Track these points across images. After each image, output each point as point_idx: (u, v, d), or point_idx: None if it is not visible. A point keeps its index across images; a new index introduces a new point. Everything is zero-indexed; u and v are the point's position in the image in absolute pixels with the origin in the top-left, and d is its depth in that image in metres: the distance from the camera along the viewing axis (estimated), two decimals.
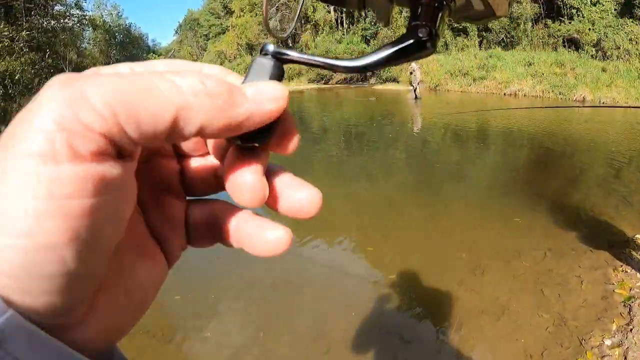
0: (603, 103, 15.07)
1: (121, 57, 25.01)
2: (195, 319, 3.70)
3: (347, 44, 31.40)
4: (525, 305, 3.49)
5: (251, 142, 0.27)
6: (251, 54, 39.73)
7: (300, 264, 4.53)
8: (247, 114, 0.24)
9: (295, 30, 37.38)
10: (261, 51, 0.31)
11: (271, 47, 0.31)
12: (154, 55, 36.99)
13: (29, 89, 16.24)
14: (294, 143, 0.29)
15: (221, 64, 42.38)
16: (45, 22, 18.44)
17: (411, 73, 18.06)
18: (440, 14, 0.32)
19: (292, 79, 34.47)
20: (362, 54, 0.32)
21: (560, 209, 5.24)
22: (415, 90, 18.05)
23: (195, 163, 0.33)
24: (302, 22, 36.92)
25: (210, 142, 0.31)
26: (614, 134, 9.85)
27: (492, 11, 0.32)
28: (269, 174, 0.30)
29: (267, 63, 0.29)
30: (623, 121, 11.32)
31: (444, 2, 0.32)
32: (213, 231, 0.32)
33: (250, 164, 0.27)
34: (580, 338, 3.05)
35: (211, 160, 0.32)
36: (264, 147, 0.28)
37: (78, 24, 21.14)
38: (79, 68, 20.90)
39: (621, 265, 3.84)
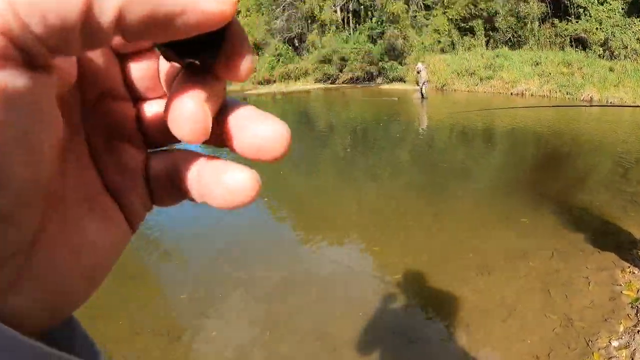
0: (610, 103, 14.98)
1: None
2: (201, 318, 3.71)
3: (354, 43, 31.34)
4: (532, 305, 3.48)
5: (189, 56, 0.23)
6: (258, 54, 39.75)
7: (306, 263, 4.54)
8: (178, 6, 0.18)
9: (302, 30, 37.38)
10: None
11: None
12: None
13: None
14: (245, 65, 0.23)
15: None
16: None
17: (418, 72, 18.02)
18: None
19: (299, 78, 34.46)
20: None
21: (567, 209, 5.22)
22: (421, 90, 18.01)
23: (153, 107, 0.28)
24: (309, 21, 36.91)
25: (164, 75, 0.27)
26: (622, 134, 9.79)
27: None
28: (226, 109, 0.25)
29: None
30: (631, 121, 11.25)
31: None
32: (176, 185, 0.27)
33: (190, 89, 0.23)
34: (587, 339, 3.03)
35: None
36: (209, 70, 0.24)
37: None
38: None
39: (629, 267, 3.81)
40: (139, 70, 0.27)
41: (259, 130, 0.24)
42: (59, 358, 0.21)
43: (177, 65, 0.24)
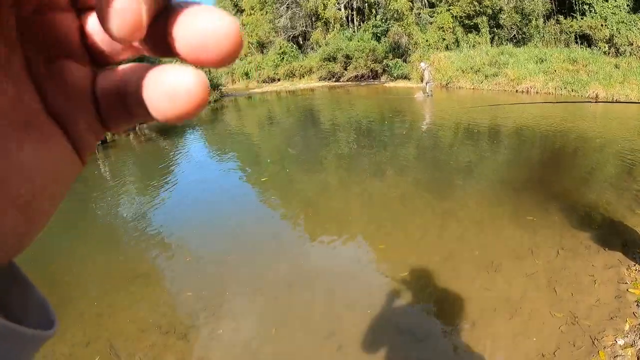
0: (616, 100, 14.91)
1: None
2: (207, 316, 3.72)
3: (358, 41, 31.29)
4: (538, 303, 3.48)
5: None
6: (262, 52, 39.74)
7: (311, 260, 4.55)
8: None
9: (306, 28, 37.35)
10: None
11: None
12: None
13: None
14: None
15: None
16: None
17: (424, 71, 18.03)
18: None
19: (303, 76, 34.44)
20: None
21: (573, 207, 5.22)
22: (426, 88, 18.01)
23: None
24: (313, 19, 36.86)
25: None
26: (628, 131, 9.76)
27: None
28: (168, 9, 0.22)
29: None
30: (637, 118, 11.20)
31: None
32: (126, 104, 0.24)
33: None
34: (593, 337, 3.03)
35: None
36: None
37: None
38: None
39: (634, 265, 3.81)
40: None
41: (199, 22, 0.21)
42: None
43: None
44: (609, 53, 20.73)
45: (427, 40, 28.59)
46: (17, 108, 0.22)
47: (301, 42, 38.37)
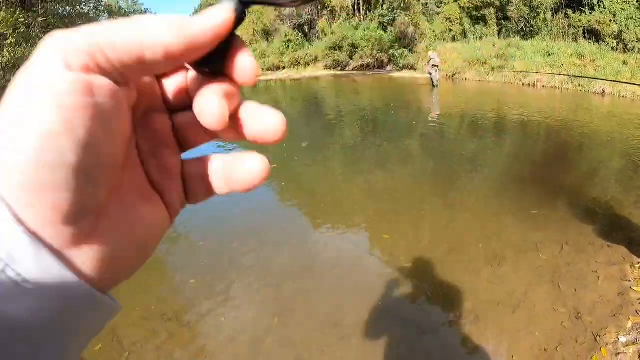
0: (623, 97, 14.81)
1: None
2: (210, 304, 3.73)
3: (364, 30, 31.13)
4: (541, 298, 3.48)
5: (208, 65, 0.31)
6: (267, 40, 39.58)
7: (315, 249, 4.55)
8: (197, 30, 0.28)
9: (312, 16, 37.16)
10: None
11: None
12: None
13: None
14: (247, 67, 0.31)
15: None
16: (61, 9, 18.42)
17: (428, 62, 17.92)
18: None
19: (309, 65, 34.32)
20: None
21: (578, 202, 5.20)
22: (432, 79, 17.94)
23: (183, 116, 0.36)
24: (319, 8, 36.66)
25: (191, 85, 0.34)
26: (633, 127, 9.71)
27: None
28: (240, 107, 0.33)
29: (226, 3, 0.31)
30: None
31: None
32: (206, 183, 0.36)
33: (210, 86, 0.31)
34: (595, 334, 3.04)
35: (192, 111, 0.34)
36: (222, 72, 0.32)
37: (94, 10, 21.14)
38: None
39: (638, 262, 3.80)
40: (172, 85, 0.34)
41: (262, 119, 0.33)
42: (107, 301, 0.30)
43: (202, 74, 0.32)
44: (617, 49, 20.59)
45: (433, 31, 28.45)
46: (134, 180, 0.33)
47: (307, 31, 38.17)
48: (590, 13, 22.53)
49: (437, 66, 17.91)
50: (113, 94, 0.27)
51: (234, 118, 0.33)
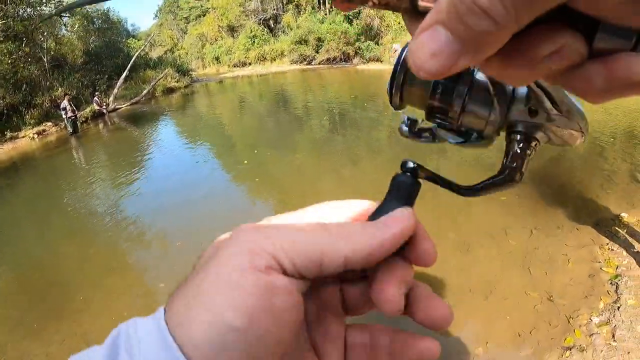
0: None
1: (100, 43, 24.53)
2: None
3: (330, 23, 31.11)
4: (512, 283, 3.50)
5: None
6: (232, 36, 39.30)
7: None
8: (379, 244, 0.31)
9: (277, 10, 37.02)
10: (402, 167, 0.40)
11: (410, 164, 0.39)
12: (133, 40, 36.38)
13: (7, 80, 15.85)
14: (430, 253, 0.35)
15: (202, 46, 41.97)
16: (21, 10, 18.00)
17: (394, 53, 18.00)
18: (528, 160, 0.42)
19: (275, 60, 34.21)
20: (472, 185, 0.46)
21: (546, 187, 5.25)
22: None
23: (353, 289, 0.38)
24: (284, 2, 36.53)
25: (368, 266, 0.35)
26: (596, 112, 9.89)
27: (569, 144, 0.42)
28: (412, 288, 0.36)
29: (404, 183, 0.39)
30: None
31: (531, 149, 0.42)
32: (367, 352, 0.38)
33: (392, 277, 0.33)
34: (568, 316, 3.06)
35: (365, 283, 0.37)
36: (406, 259, 0.35)
37: (55, 11, 20.70)
38: (57, 56, 20.46)
39: (607, 243, 3.85)
40: None
41: (434, 312, 0.35)
42: None
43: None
44: None
45: (399, 23, 28.55)
46: (299, 347, 0.36)
47: (272, 26, 38.05)
48: None
49: None
50: (290, 292, 0.30)
51: (406, 298, 0.35)
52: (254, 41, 36.44)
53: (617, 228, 4.03)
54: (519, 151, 0.43)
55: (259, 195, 6.25)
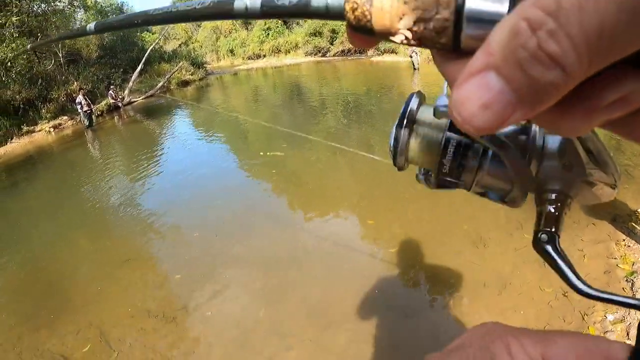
0: None
1: (115, 37, 24.62)
2: (195, 298, 3.70)
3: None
4: (527, 278, 3.48)
5: None
6: (247, 29, 39.26)
7: (300, 238, 4.53)
8: None
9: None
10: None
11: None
12: (148, 33, 36.45)
13: (23, 75, 15.99)
14: None
15: (217, 39, 42.01)
16: (35, 6, 18.08)
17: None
18: (561, 218, 0.39)
19: (289, 52, 34.16)
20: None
21: None
22: (413, 62, 17.89)
23: None
24: None
25: None
26: None
27: (600, 200, 0.40)
28: None
29: None
30: None
31: (566, 207, 0.39)
32: None
33: None
34: (583, 312, 3.04)
35: None
36: None
37: (69, 6, 20.77)
38: (72, 51, 20.58)
39: (624, 240, 3.80)
40: None
41: None
42: None
43: None
44: None
45: None
46: None
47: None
48: None
49: (416, 53, 17.85)
50: None
51: None
52: (268, 33, 36.40)
53: (634, 224, 3.98)
54: (553, 211, 0.39)
55: (276, 187, 6.25)
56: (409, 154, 0.42)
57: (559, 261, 0.36)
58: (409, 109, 0.43)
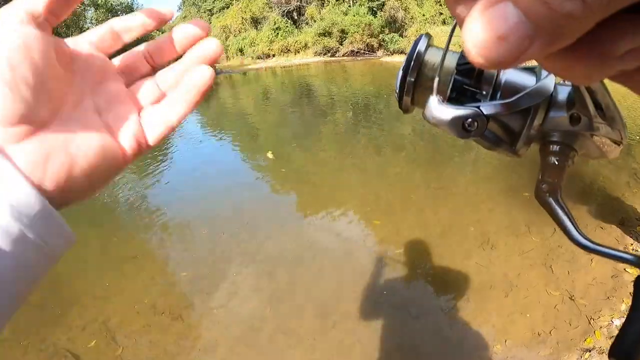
0: None
1: None
2: (202, 296, 3.71)
3: (354, 15, 30.94)
4: (534, 281, 3.47)
5: None
6: (256, 28, 39.31)
7: (306, 237, 4.53)
8: None
9: (301, 2, 36.91)
10: None
11: None
12: (157, 32, 36.74)
13: None
14: None
15: (226, 38, 42.15)
16: None
17: None
18: (564, 171, 0.38)
19: (298, 52, 34.18)
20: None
21: (570, 184, 5.17)
22: None
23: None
24: None
25: None
26: (625, 109, 9.71)
27: (605, 157, 0.39)
28: None
29: None
30: (630, 95, 11.11)
31: (570, 160, 0.38)
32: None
33: None
34: (589, 317, 3.03)
35: None
36: None
37: (79, 5, 20.94)
38: None
39: (632, 244, 3.78)
40: None
41: None
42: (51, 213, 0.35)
43: None
44: None
45: (423, 15, 28.31)
46: (81, 111, 0.39)
47: (296, 17, 37.96)
48: None
49: None
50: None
51: None
52: (277, 33, 36.43)
53: None
54: (556, 163, 0.39)
55: (284, 186, 6.25)
56: (416, 96, 0.42)
57: (560, 212, 0.36)
58: (416, 50, 0.41)
